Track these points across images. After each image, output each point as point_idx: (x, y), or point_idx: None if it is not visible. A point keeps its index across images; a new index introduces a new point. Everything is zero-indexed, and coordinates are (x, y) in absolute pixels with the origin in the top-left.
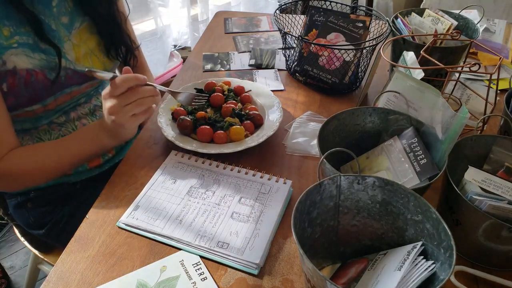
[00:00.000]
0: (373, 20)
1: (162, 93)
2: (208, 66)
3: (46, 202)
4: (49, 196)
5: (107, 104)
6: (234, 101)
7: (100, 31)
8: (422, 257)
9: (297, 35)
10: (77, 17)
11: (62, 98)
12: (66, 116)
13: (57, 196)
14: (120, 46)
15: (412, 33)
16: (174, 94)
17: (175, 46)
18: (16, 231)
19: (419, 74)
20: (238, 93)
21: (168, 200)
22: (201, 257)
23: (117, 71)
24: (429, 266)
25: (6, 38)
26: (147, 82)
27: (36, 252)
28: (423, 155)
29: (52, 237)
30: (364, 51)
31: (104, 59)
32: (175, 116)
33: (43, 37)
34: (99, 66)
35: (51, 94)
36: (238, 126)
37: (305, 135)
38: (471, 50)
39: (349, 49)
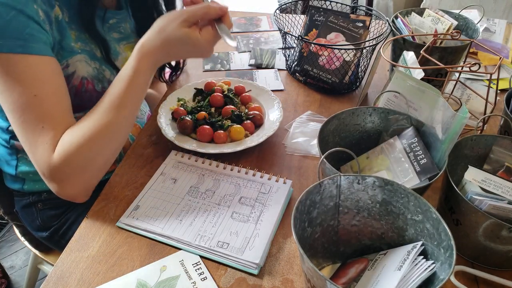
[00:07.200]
0: (373, 20)
1: None
2: (208, 66)
3: (57, 205)
4: (60, 199)
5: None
6: (233, 107)
7: None
8: (422, 257)
9: (297, 35)
10: (132, 38)
11: None
12: None
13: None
14: (164, 68)
15: (412, 33)
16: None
17: None
18: (16, 231)
19: (419, 74)
20: (238, 93)
21: (168, 200)
22: (201, 257)
23: None
24: (429, 266)
25: (74, 41)
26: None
27: (36, 252)
28: (423, 155)
29: (53, 242)
30: (364, 51)
31: None
32: (175, 116)
33: (108, 57)
34: None
35: (94, 103)
36: (238, 126)
37: (305, 135)
38: (471, 50)
39: (349, 49)
